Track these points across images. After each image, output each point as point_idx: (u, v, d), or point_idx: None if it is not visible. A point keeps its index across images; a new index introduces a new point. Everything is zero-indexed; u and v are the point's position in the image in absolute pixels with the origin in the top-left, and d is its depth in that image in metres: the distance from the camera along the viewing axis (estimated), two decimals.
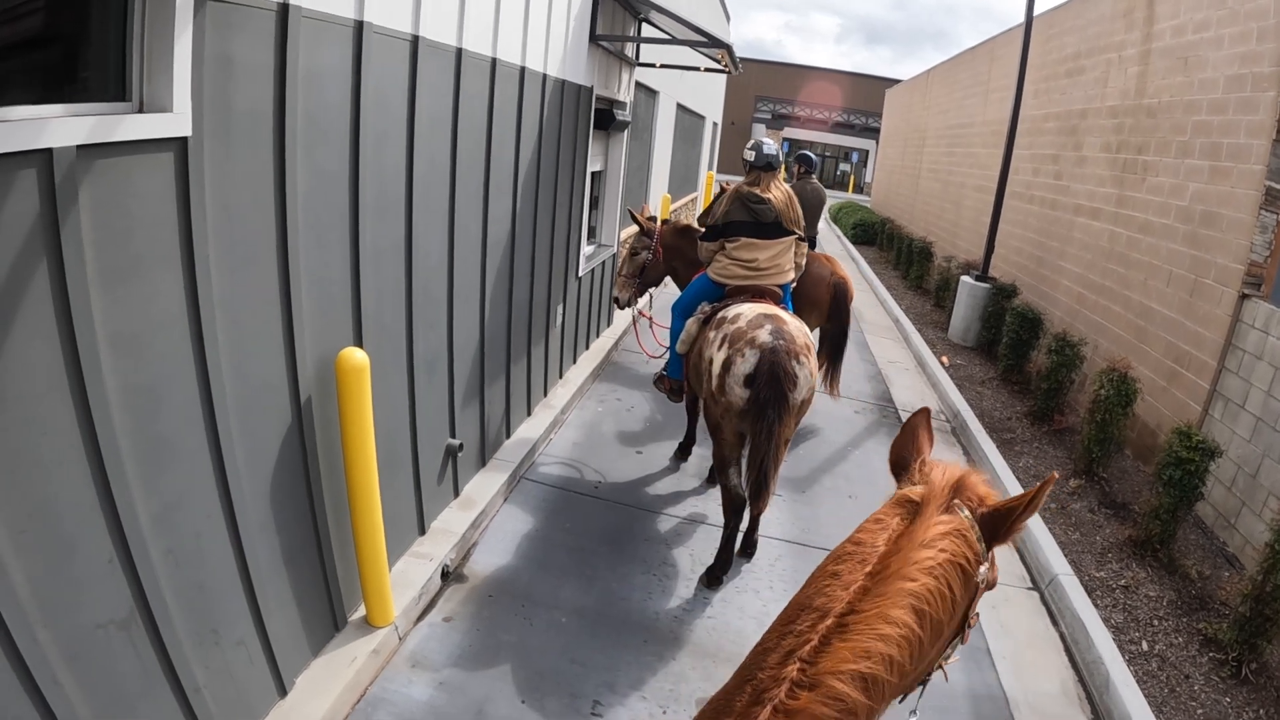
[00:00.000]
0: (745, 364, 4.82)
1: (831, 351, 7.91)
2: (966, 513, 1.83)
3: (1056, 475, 2.04)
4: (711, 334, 5.14)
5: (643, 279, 7.71)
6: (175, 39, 2.48)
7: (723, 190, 7.76)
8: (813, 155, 9.79)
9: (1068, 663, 4.96)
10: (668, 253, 7.43)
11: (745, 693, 1.59)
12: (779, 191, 5.61)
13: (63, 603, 2.37)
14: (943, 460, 2.02)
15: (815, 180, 9.49)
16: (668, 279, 7.81)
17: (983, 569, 1.83)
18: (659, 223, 7.63)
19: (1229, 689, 4.71)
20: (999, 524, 1.85)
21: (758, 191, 5.55)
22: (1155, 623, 5.25)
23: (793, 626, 1.64)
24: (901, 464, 2.08)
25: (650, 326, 8.70)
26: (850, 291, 7.77)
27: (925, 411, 2.19)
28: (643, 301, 8.24)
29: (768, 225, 5.55)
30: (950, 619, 1.77)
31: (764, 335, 4.81)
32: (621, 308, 7.97)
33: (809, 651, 1.55)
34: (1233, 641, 4.85)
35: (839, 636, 1.56)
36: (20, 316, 2.15)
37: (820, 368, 7.66)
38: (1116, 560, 5.97)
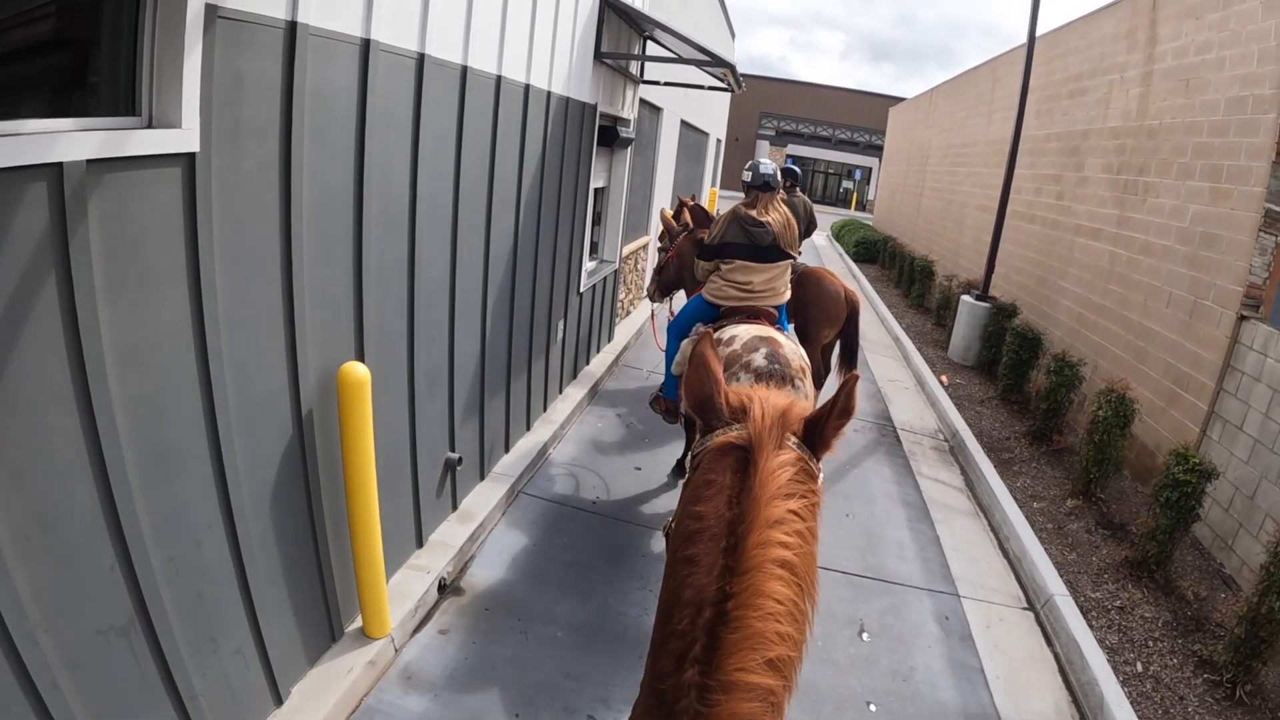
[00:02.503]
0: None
1: (847, 357, 7.97)
2: (795, 441, 1.73)
3: (858, 375, 1.99)
4: None
5: (660, 278, 7.76)
6: (185, 55, 2.52)
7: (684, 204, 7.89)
8: (797, 169, 9.76)
9: (1062, 683, 4.97)
10: (681, 262, 7.48)
11: (656, 712, 1.55)
12: (777, 214, 5.60)
13: (64, 608, 2.40)
14: (743, 387, 1.89)
15: (801, 194, 9.46)
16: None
17: (820, 480, 1.78)
18: (685, 227, 7.71)
19: (1223, 711, 4.72)
20: (820, 433, 1.79)
21: (754, 214, 5.55)
22: (1150, 644, 5.26)
23: (671, 626, 1.58)
24: (704, 401, 1.88)
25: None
26: (859, 304, 7.83)
27: (707, 335, 2.00)
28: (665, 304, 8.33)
29: (765, 249, 5.54)
30: (814, 548, 1.69)
31: (759, 359, 4.75)
32: (653, 301, 8.09)
33: (700, 651, 1.50)
34: (1228, 663, 4.86)
35: (725, 628, 1.50)
36: (29, 327, 2.18)
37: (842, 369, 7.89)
38: (1113, 581, 5.98)
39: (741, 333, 5.02)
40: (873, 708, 4.50)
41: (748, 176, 5.68)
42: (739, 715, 1.44)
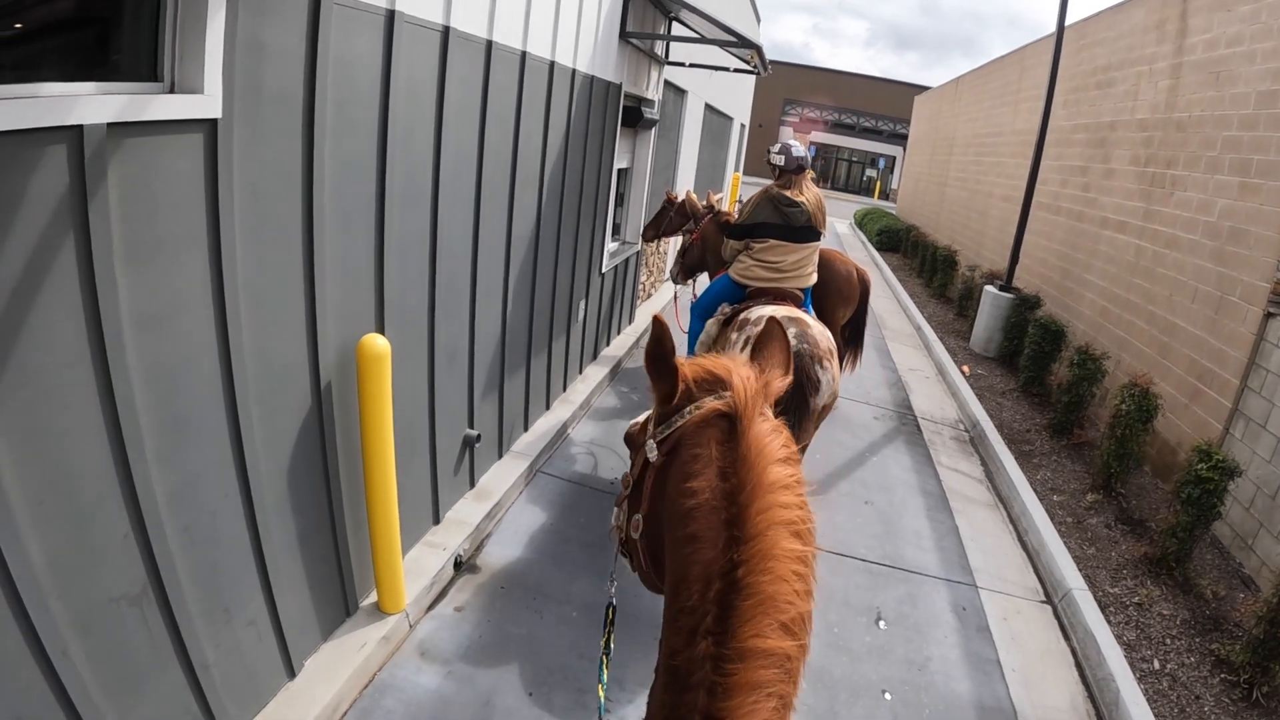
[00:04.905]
0: None
1: (853, 336, 7.94)
2: (769, 410, 1.71)
3: (779, 317, 1.95)
4: (733, 336, 5.11)
5: (685, 261, 7.78)
6: (208, 21, 2.50)
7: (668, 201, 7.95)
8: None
9: (1078, 678, 4.94)
10: (705, 244, 7.48)
11: (672, 687, 1.53)
12: (811, 194, 5.58)
13: (77, 575, 2.39)
14: (707, 358, 1.83)
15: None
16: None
17: None
18: (709, 209, 7.73)
19: (1239, 711, 4.67)
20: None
21: (789, 194, 5.52)
22: (1168, 641, 5.22)
23: (680, 604, 1.55)
24: (664, 365, 1.78)
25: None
26: (870, 282, 7.81)
27: (658, 318, 1.90)
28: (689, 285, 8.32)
29: (799, 229, 5.52)
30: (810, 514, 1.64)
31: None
32: (676, 283, 8.14)
33: (712, 622, 1.47)
34: (1245, 664, 4.82)
35: (737, 595, 1.46)
36: (46, 291, 2.17)
37: (846, 351, 7.80)
38: (1131, 577, 5.93)
39: (769, 313, 5.00)
40: (888, 696, 4.47)
41: (780, 159, 5.62)
42: (756, 683, 1.41)
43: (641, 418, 1.94)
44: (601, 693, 2.06)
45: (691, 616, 1.51)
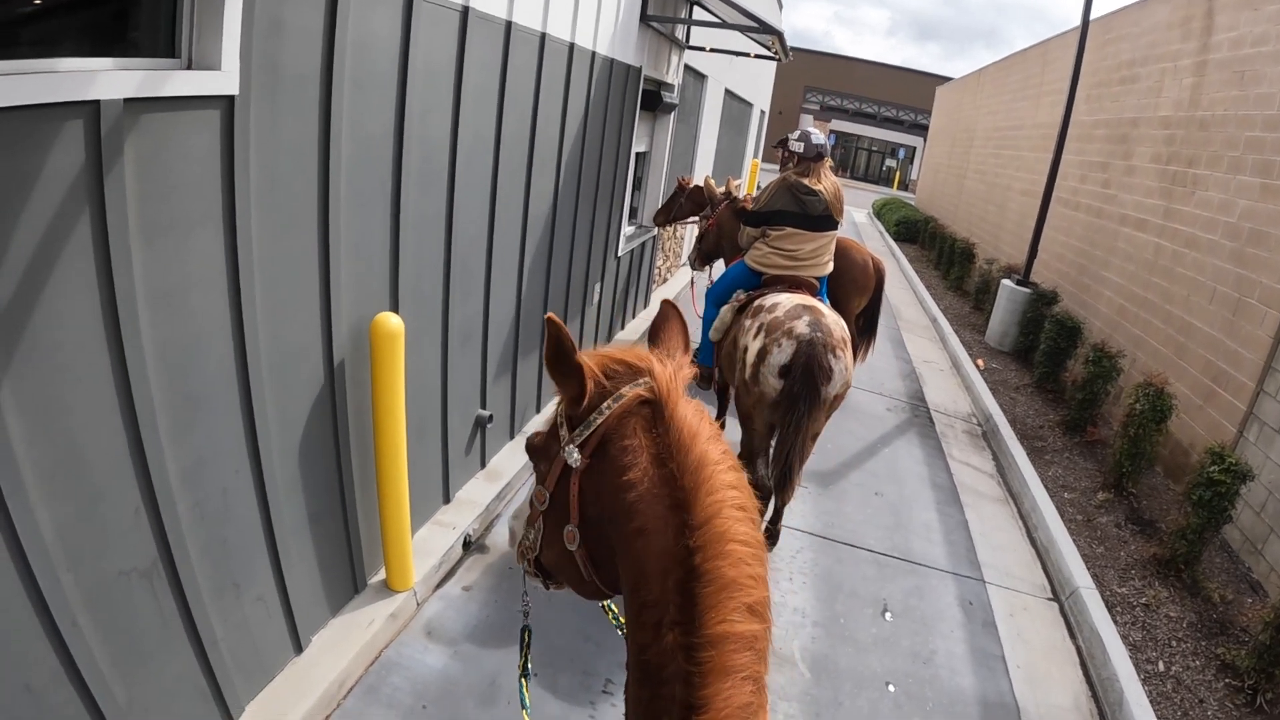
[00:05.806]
0: (781, 354, 4.77)
1: (867, 326, 7.91)
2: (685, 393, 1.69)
3: (674, 303, 1.95)
4: (747, 322, 5.10)
5: (701, 246, 7.77)
6: None
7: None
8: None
9: (1082, 677, 4.93)
10: (721, 230, 7.47)
11: (645, 682, 1.51)
12: (829, 182, 5.55)
13: (88, 549, 2.40)
14: (615, 349, 1.84)
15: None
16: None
17: None
18: (726, 195, 7.72)
19: (1243, 717, 4.66)
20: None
21: (808, 182, 5.49)
22: (1174, 644, 5.20)
23: (641, 599, 1.53)
24: (567, 365, 1.70)
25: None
26: (885, 272, 7.78)
27: (551, 318, 1.85)
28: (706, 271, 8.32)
29: (817, 218, 5.49)
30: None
31: (801, 326, 4.76)
32: (693, 269, 8.17)
33: (675, 612, 1.45)
34: (1250, 669, 4.80)
35: (697, 583, 1.44)
36: (61, 266, 2.17)
37: (860, 341, 7.72)
38: (1139, 577, 5.91)
39: (784, 300, 5.01)
40: (891, 688, 4.47)
41: (799, 147, 5.58)
42: (730, 667, 1.40)
43: (540, 425, 1.90)
44: (526, 718, 2.03)
45: (654, 610, 1.49)
